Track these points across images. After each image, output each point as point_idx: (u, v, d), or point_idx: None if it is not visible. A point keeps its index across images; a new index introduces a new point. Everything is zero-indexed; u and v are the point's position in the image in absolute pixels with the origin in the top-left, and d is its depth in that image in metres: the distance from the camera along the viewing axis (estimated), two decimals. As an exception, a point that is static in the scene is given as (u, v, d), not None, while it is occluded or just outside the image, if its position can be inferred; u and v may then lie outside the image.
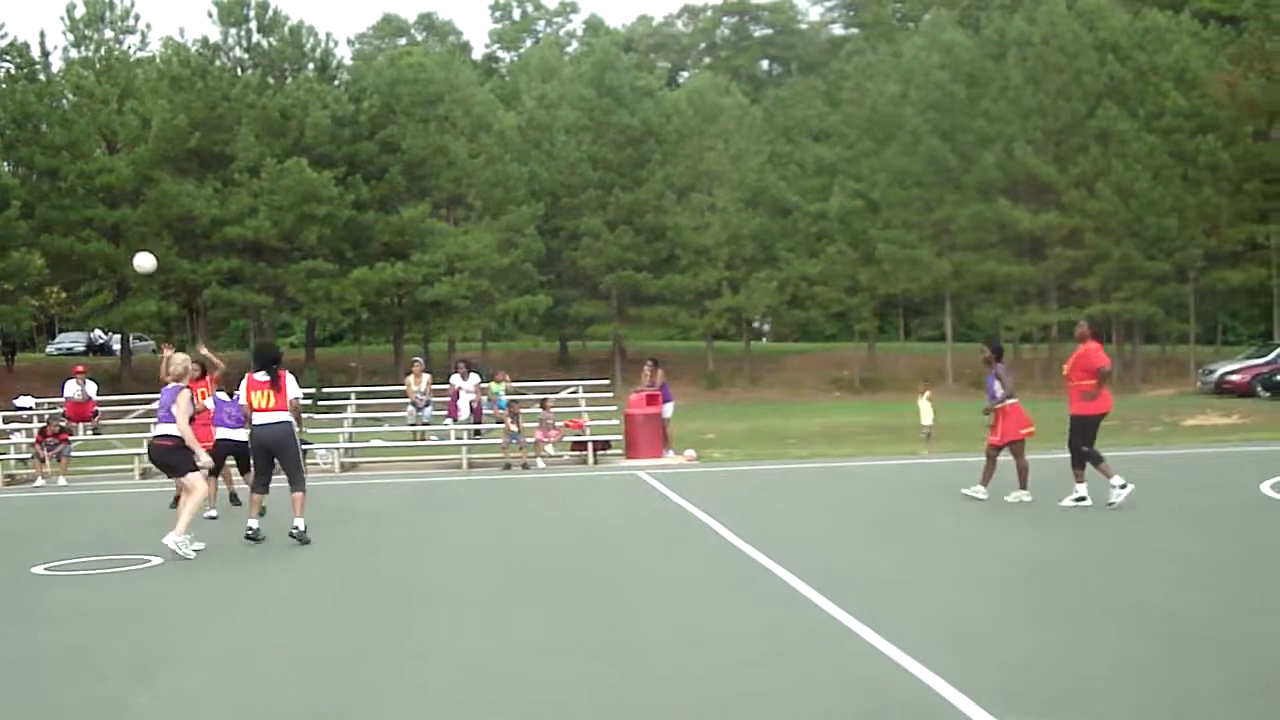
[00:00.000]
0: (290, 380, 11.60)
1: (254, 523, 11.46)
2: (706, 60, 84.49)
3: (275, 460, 11.47)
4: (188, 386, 11.47)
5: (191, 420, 11.17)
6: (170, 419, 11.08)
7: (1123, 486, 12.20)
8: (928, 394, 22.77)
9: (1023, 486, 13.07)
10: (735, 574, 9.36)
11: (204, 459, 11.19)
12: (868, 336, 50.45)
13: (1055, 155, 43.58)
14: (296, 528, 11.29)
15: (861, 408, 36.75)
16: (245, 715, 5.92)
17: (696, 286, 45.50)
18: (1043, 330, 46.64)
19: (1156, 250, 42.06)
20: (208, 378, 13.85)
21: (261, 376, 11.42)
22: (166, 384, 11.35)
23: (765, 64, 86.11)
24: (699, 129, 47.47)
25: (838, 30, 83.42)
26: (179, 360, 11.64)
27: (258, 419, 11.41)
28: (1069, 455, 12.51)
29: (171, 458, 11.23)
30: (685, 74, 79.29)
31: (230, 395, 13.51)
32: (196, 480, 11.12)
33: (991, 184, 43.03)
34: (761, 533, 11.22)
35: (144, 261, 16.08)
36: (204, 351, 14.33)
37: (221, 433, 13.42)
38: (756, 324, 47.87)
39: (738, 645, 6.97)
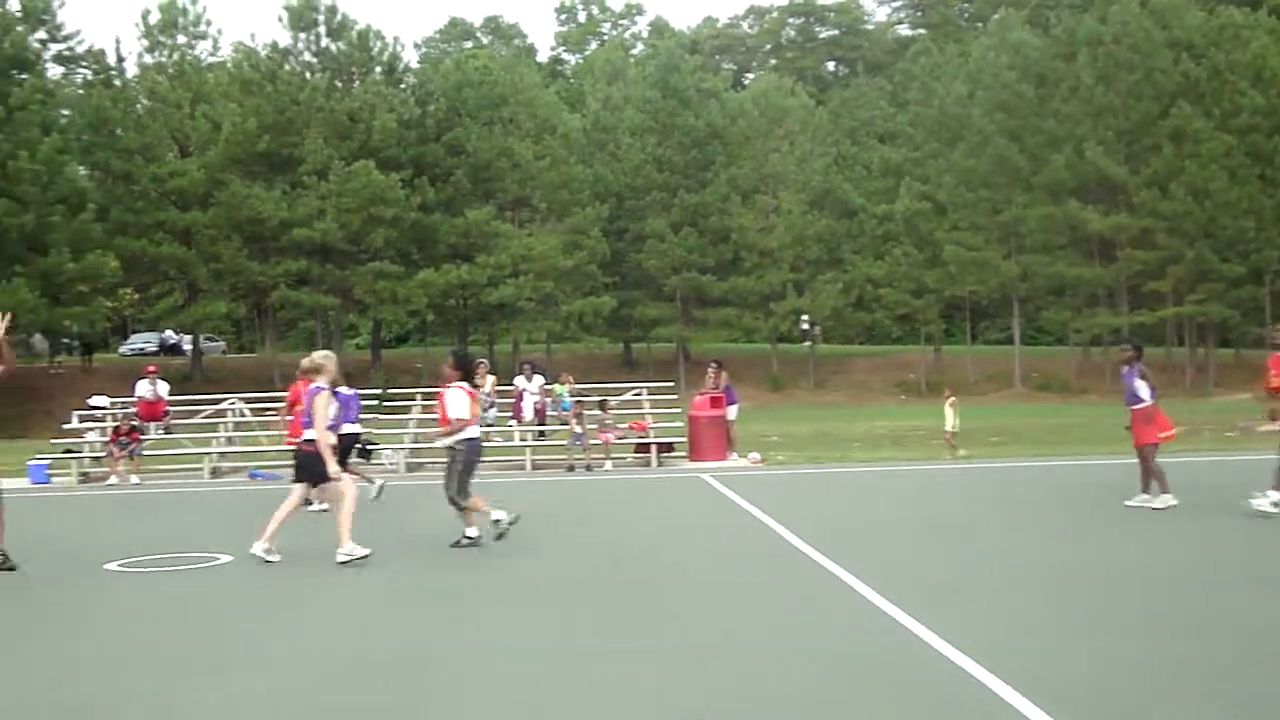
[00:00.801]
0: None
1: (502, 514, 11.43)
2: (772, 62, 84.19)
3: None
4: (326, 388, 10.85)
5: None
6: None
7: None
8: (952, 399, 22.48)
9: (1145, 491, 12.71)
10: (798, 577, 9.28)
11: (333, 469, 10.39)
12: (933, 339, 50.00)
13: (1127, 156, 42.92)
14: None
15: (927, 411, 36.36)
16: (311, 715, 5.95)
17: (761, 289, 45.38)
18: (1113, 333, 45.94)
19: (1232, 252, 41.26)
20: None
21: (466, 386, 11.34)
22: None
23: (831, 65, 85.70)
24: (764, 131, 47.32)
25: (904, 31, 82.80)
26: (318, 357, 11.34)
27: (476, 431, 11.41)
28: None
29: (317, 465, 10.64)
30: (750, 75, 79.07)
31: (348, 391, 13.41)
32: (344, 486, 10.60)
33: (1061, 185, 42.47)
34: (825, 536, 11.12)
35: None
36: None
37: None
38: (806, 326, 47.55)
39: (800, 648, 6.91)
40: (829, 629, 7.44)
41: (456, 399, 11.24)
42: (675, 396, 24.74)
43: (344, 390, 13.48)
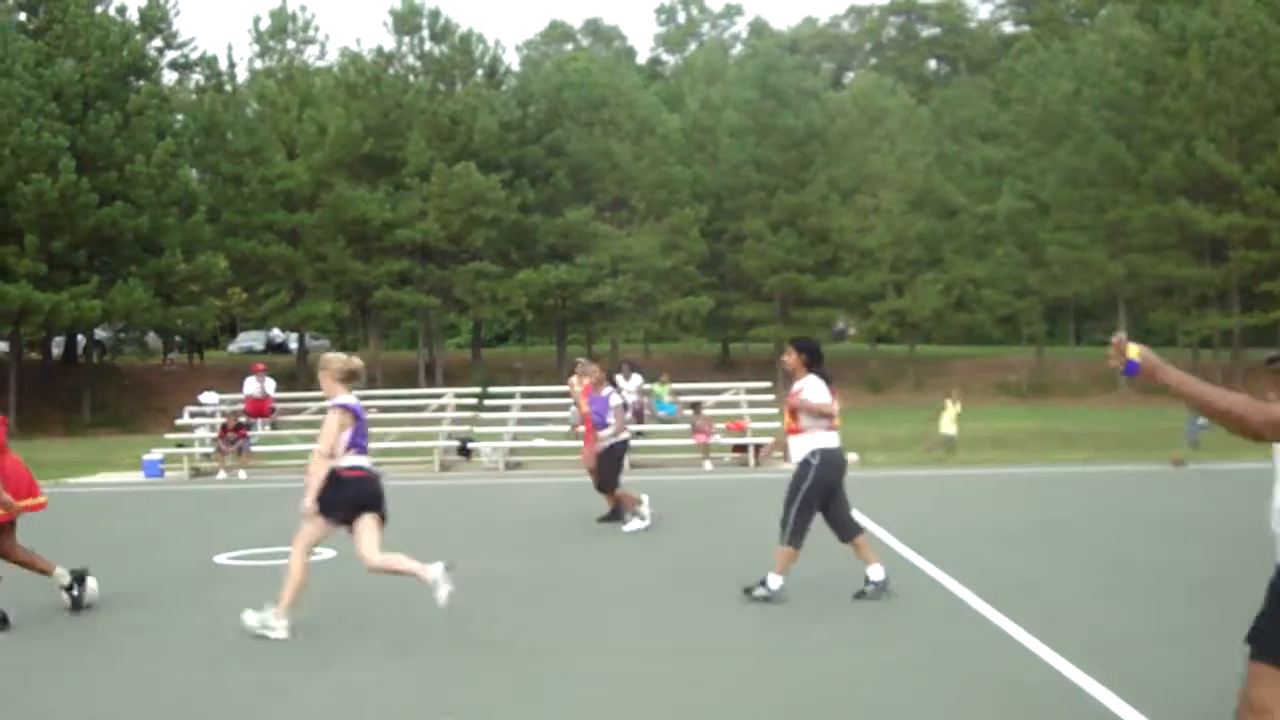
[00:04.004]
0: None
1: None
2: (872, 61, 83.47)
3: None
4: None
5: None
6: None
7: None
8: (957, 404, 22.13)
9: None
10: (895, 579, 9.26)
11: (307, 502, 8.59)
12: (1036, 340, 49.15)
13: (1239, 153, 41.75)
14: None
15: (1029, 413, 35.84)
16: (406, 707, 6.09)
17: (860, 289, 45.03)
18: (1224, 335, 44.76)
19: (1351, 252, 39.96)
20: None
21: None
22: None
23: (933, 64, 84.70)
24: (864, 130, 46.94)
25: (1008, 28, 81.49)
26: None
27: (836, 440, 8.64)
28: None
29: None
30: (850, 75, 78.46)
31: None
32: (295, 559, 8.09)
33: (1170, 183, 41.47)
34: (922, 537, 11.06)
35: None
36: None
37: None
38: (840, 326, 46.85)
39: (897, 649, 6.91)
40: (923, 629, 7.42)
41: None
42: (773, 397, 24.68)
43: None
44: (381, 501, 7.76)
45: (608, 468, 12.55)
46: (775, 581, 8.35)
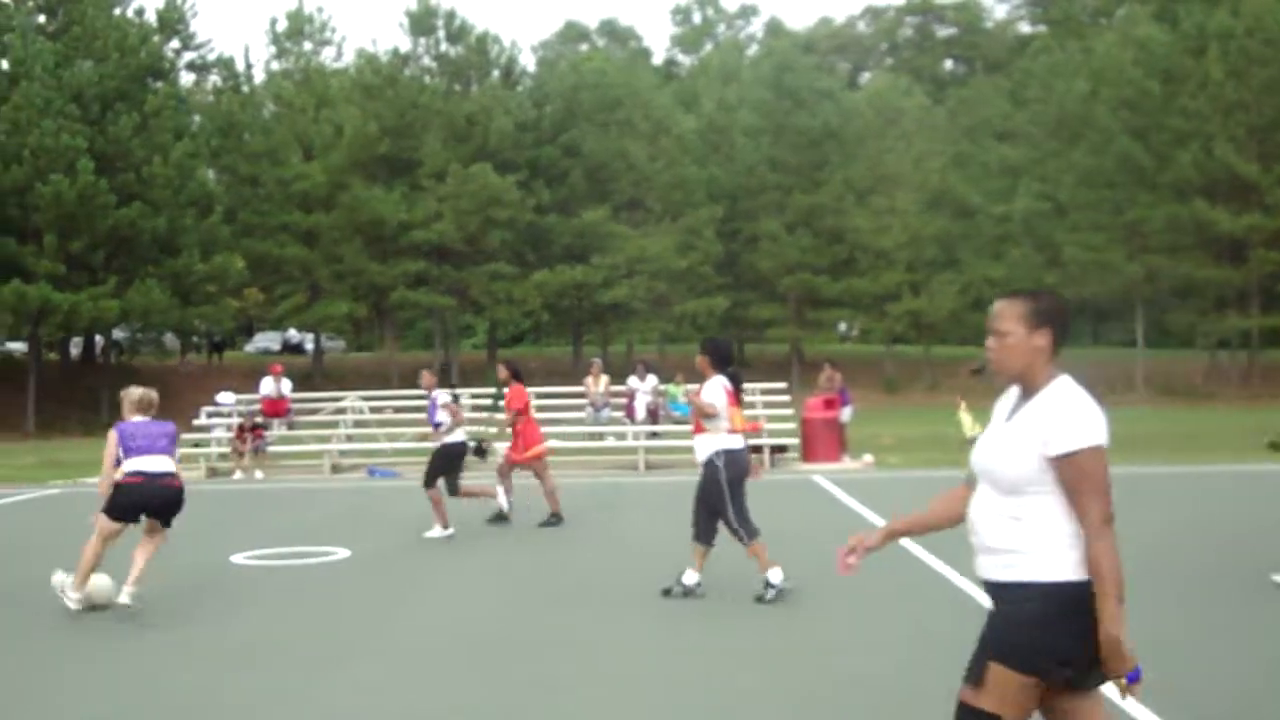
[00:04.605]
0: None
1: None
2: (888, 61, 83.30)
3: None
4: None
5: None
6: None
7: None
8: (962, 403, 21.93)
9: None
10: (909, 580, 9.23)
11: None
12: (1053, 342, 48.85)
13: (1259, 153, 41.52)
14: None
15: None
16: (419, 706, 6.09)
17: (876, 290, 44.94)
18: (1242, 336, 44.53)
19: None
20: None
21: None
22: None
23: (949, 64, 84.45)
24: (880, 130, 46.84)
25: (1024, 28, 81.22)
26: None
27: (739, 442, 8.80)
28: None
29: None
30: (866, 75, 78.31)
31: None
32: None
33: (1188, 184, 41.27)
34: (939, 541, 11.01)
35: None
36: None
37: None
38: (844, 327, 46.66)
39: (910, 650, 6.89)
40: (935, 630, 7.39)
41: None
42: (788, 398, 24.64)
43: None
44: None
45: (433, 466, 12.29)
46: (775, 575, 8.51)
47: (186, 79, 47.25)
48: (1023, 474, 3.29)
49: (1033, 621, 3.23)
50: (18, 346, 40.27)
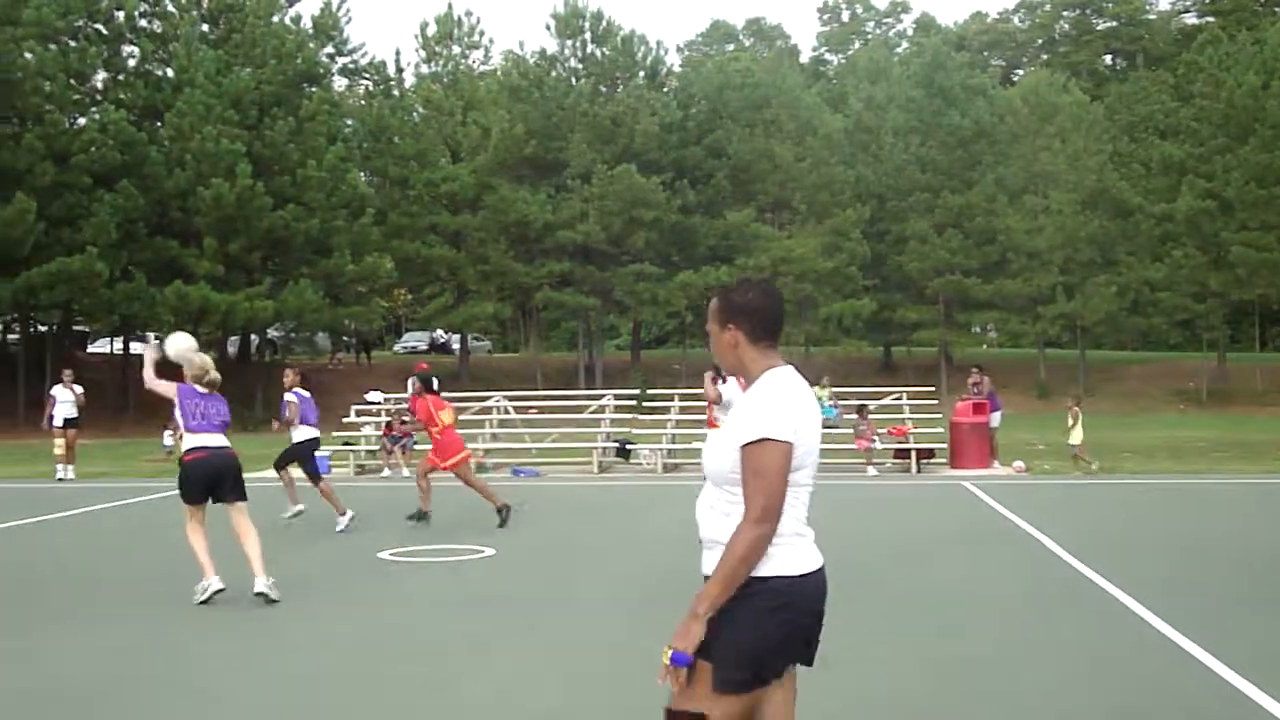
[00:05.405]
0: None
1: None
2: (1044, 56, 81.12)
3: None
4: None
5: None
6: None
7: None
8: (1074, 409, 20.87)
9: None
10: (1062, 589, 8.85)
11: None
12: (1217, 345, 47.02)
13: None
14: None
15: (1208, 422, 34.29)
16: (571, 702, 5.98)
17: (1028, 292, 43.76)
18: None
19: None
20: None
21: None
22: None
23: (1108, 58, 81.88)
24: (1034, 128, 45.63)
25: (1190, 19, 78.34)
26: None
27: None
28: None
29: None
30: (1021, 72, 76.43)
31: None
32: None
33: (1369, 180, 39.22)
34: (1095, 549, 10.54)
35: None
36: None
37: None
38: (982, 329, 45.11)
39: (1063, 662, 6.54)
40: (1092, 642, 7.02)
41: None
42: (936, 402, 24.07)
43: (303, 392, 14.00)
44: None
45: (285, 454, 13.48)
46: None
47: (339, 84, 48.36)
48: (724, 466, 3.22)
49: (731, 617, 3.13)
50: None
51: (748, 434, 3.16)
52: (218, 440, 8.73)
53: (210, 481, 8.72)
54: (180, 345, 8.90)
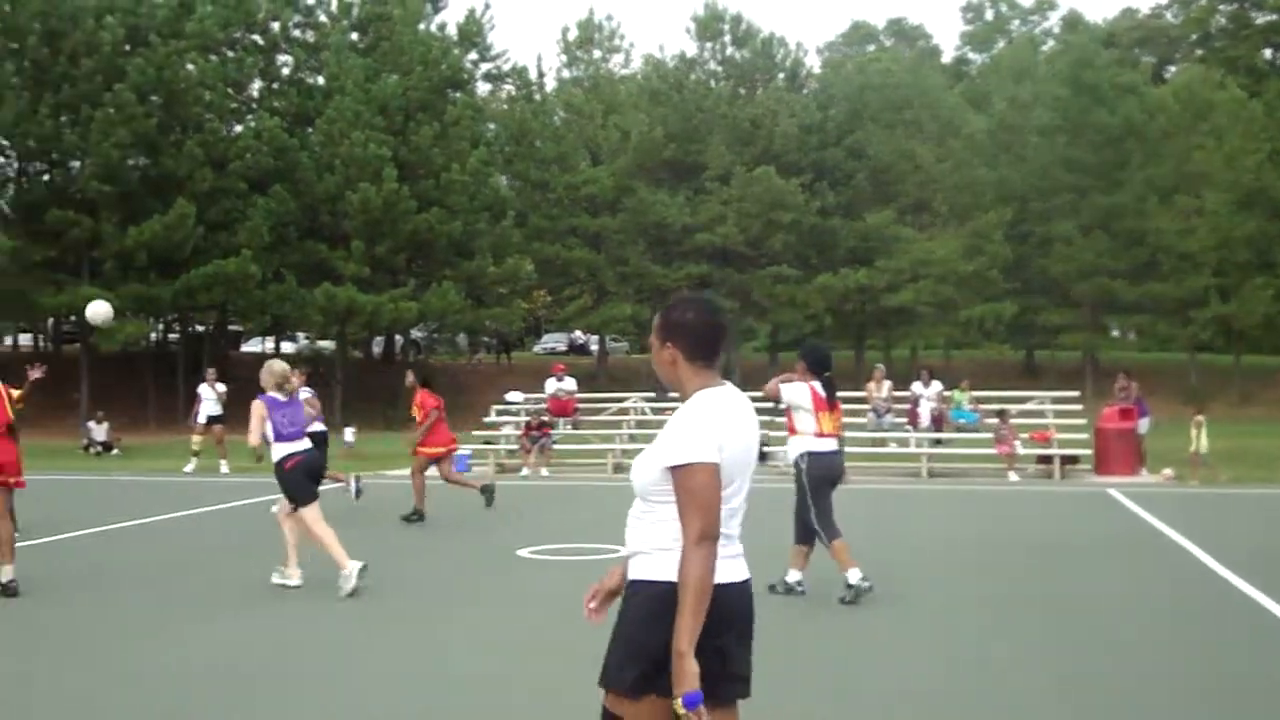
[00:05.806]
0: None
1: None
2: (1198, 53, 78.47)
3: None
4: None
5: None
6: None
7: None
8: (1198, 419, 19.95)
9: None
10: (1210, 601, 8.61)
11: None
12: (1389, 351, 44.90)
13: None
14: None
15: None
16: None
17: (1179, 295, 42.39)
18: None
19: None
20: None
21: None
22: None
23: (1268, 53, 78.84)
24: (1187, 126, 44.21)
25: (1356, 11, 74.93)
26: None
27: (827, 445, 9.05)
28: None
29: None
30: (1173, 68, 74.07)
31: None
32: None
33: None
34: (1251, 562, 10.23)
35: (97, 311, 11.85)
36: None
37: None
38: (1119, 333, 43.38)
39: (1207, 679, 6.38)
40: (1256, 664, 6.83)
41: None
42: (1080, 407, 23.51)
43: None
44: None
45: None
46: (854, 575, 8.57)
47: (483, 89, 49.19)
48: (647, 480, 3.29)
49: (636, 620, 3.24)
50: (326, 345, 42.92)
51: (674, 457, 3.21)
52: (305, 444, 9.53)
53: (312, 478, 9.54)
54: (98, 311, 10.92)
